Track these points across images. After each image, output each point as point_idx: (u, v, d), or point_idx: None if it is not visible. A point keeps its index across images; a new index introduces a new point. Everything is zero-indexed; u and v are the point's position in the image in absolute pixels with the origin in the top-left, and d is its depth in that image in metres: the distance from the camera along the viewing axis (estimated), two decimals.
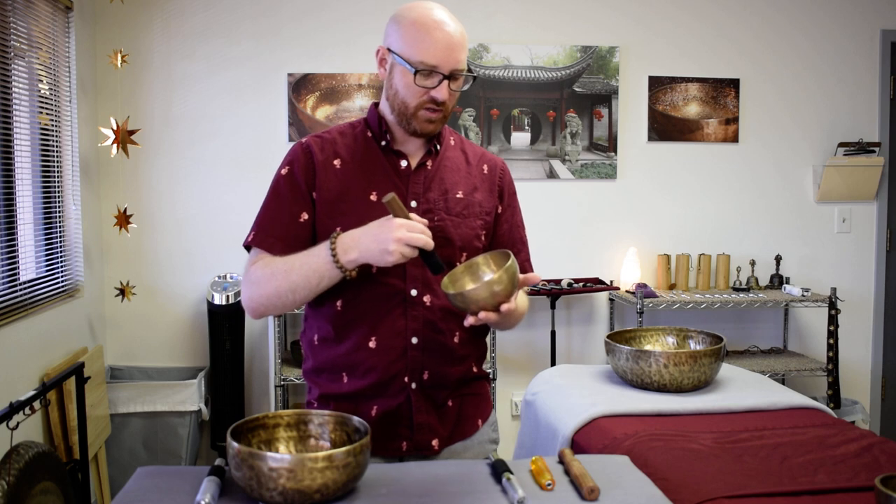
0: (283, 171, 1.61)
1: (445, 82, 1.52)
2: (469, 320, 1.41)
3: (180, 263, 3.72)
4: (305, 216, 1.58)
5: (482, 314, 1.39)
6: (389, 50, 1.56)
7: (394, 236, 1.38)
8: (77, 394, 2.71)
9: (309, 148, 1.62)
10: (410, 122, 1.57)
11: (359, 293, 1.58)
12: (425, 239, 1.39)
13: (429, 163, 1.64)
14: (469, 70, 1.57)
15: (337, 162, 1.61)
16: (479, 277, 1.51)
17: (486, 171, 1.71)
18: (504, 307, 1.39)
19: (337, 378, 1.63)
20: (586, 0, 3.86)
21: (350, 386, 1.61)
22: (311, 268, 1.47)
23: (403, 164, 1.62)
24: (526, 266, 1.74)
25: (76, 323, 3.35)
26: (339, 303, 1.60)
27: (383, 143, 1.62)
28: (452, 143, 1.71)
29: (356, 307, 1.59)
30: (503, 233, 1.71)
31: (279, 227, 1.58)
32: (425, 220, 1.45)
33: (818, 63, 4.02)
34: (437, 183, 1.63)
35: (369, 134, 1.64)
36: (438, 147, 1.65)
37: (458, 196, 1.63)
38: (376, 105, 1.67)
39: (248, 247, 1.62)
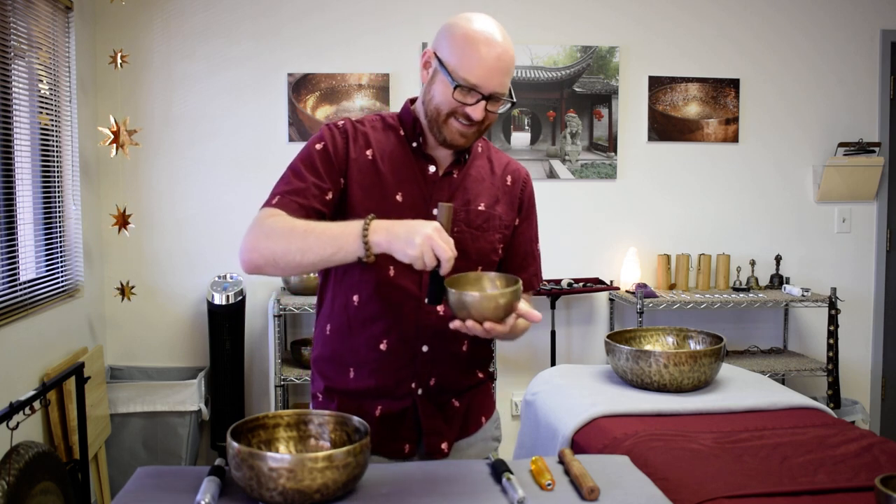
0: (318, 147, 1.56)
1: (483, 102, 1.49)
2: (454, 324, 1.39)
3: (180, 263, 3.72)
4: (330, 195, 1.54)
5: (469, 322, 1.37)
6: (436, 55, 1.52)
7: (426, 233, 1.33)
8: (77, 394, 2.71)
9: (346, 132, 1.58)
10: (441, 129, 1.53)
11: (375, 292, 1.57)
12: (448, 255, 1.33)
13: (455, 172, 1.61)
14: (510, 95, 1.53)
15: (369, 153, 1.58)
16: (482, 290, 1.50)
17: (509, 183, 1.68)
18: (488, 325, 1.36)
19: (343, 371, 1.62)
20: (586, 0, 3.86)
21: (356, 383, 1.61)
22: (333, 234, 1.39)
23: (431, 169, 1.60)
24: (533, 281, 1.73)
25: (76, 323, 3.35)
26: (355, 297, 1.59)
27: (415, 144, 1.60)
28: (479, 150, 1.68)
29: (371, 306, 1.58)
30: (516, 244, 1.70)
31: (304, 197, 1.50)
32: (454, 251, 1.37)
33: (818, 63, 4.02)
34: (460, 193, 1.60)
35: (402, 132, 1.62)
36: (467, 157, 1.63)
37: (479, 208, 1.61)
38: (412, 102, 1.63)
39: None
